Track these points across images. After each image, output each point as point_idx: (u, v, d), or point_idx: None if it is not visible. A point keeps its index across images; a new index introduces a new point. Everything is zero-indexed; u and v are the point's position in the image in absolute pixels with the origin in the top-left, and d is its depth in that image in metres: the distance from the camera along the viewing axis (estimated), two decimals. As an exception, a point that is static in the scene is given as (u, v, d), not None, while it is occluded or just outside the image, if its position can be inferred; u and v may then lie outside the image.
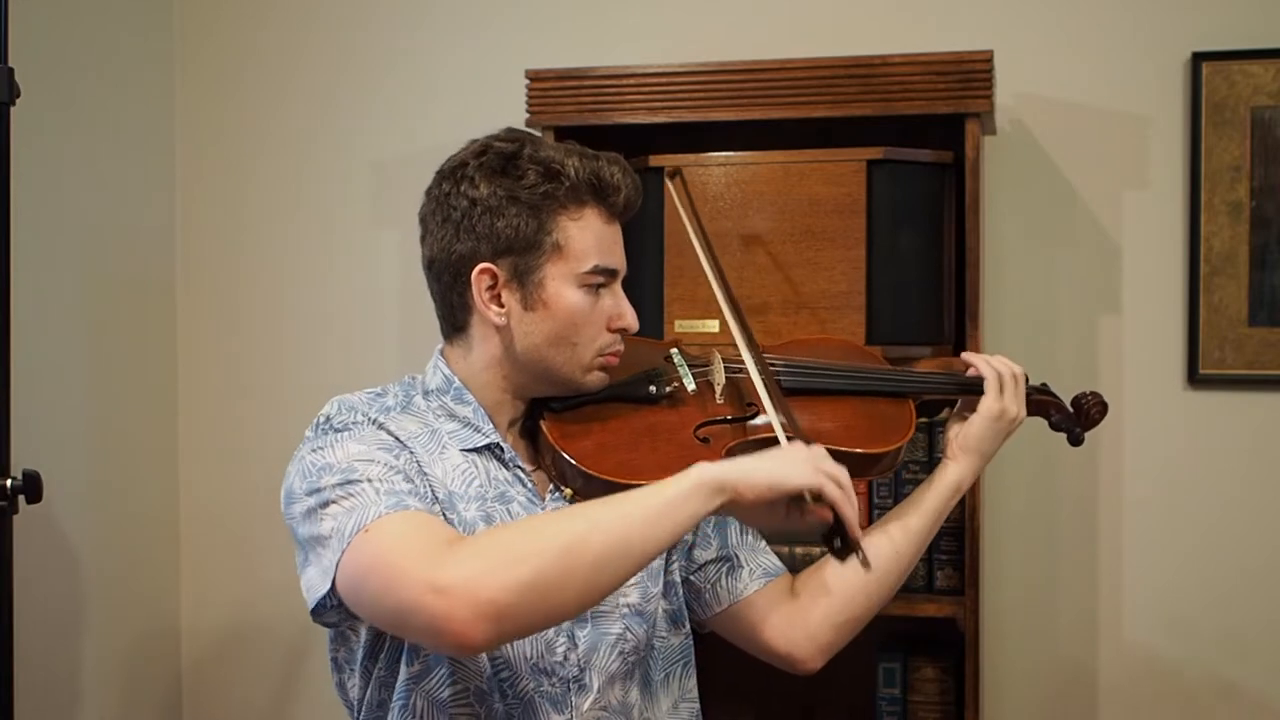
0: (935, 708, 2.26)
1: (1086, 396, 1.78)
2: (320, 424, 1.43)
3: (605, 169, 1.46)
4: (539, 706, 1.41)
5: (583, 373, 1.48)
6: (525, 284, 1.45)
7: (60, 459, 2.39)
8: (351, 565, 1.29)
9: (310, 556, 1.36)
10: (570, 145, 1.49)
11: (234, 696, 2.78)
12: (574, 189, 1.44)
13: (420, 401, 1.49)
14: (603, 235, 1.47)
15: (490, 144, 1.48)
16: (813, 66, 2.16)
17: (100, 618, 2.56)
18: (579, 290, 1.45)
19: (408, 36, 2.68)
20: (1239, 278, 2.33)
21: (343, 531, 1.30)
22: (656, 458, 1.47)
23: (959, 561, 2.17)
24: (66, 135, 2.48)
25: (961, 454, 1.64)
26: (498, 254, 1.44)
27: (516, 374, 1.49)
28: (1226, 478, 2.38)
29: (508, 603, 1.19)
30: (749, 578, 1.60)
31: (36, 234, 2.33)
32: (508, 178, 1.44)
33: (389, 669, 1.44)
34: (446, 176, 1.48)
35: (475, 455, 1.47)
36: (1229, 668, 2.38)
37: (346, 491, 1.33)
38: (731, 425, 1.55)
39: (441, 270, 1.48)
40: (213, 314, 2.78)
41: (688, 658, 1.58)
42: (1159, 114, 2.38)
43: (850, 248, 2.10)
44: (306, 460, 1.39)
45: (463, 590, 1.19)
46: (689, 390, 1.57)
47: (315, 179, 2.73)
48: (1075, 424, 1.78)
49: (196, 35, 2.77)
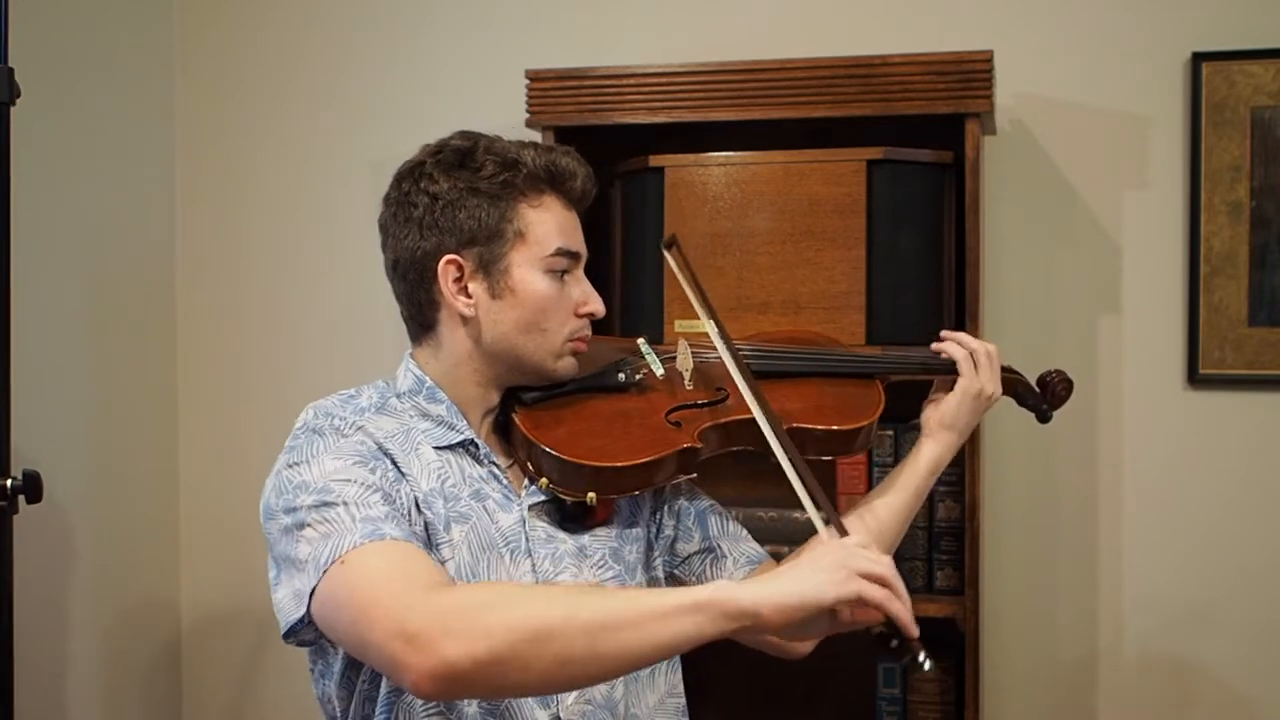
0: (935, 708, 2.26)
1: (1051, 374, 1.82)
2: (298, 431, 1.44)
3: (560, 158, 1.50)
4: (522, 703, 1.41)
5: (554, 359, 1.50)
6: (491, 273, 1.47)
7: (60, 459, 2.39)
8: (326, 595, 1.30)
9: (283, 576, 1.36)
10: (523, 140, 1.52)
11: (234, 695, 2.78)
12: (532, 177, 1.48)
13: (395, 403, 1.51)
14: (563, 220, 1.50)
15: (445, 143, 1.52)
16: (813, 66, 2.16)
17: (100, 617, 2.56)
18: (544, 276, 1.48)
19: (408, 36, 2.68)
20: (1239, 278, 2.33)
21: (318, 560, 1.31)
22: (629, 441, 1.49)
23: (959, 561, 2.17)
24: (66, 135, 2.48)
25: (939, 430, 1.67)
26: (462, 245, 1.47)
27: (488, 366, 1.50)
28: (1226, 478, 2.38)
29: (465, 670, 1.19)
30: (733, 566, 1.62)
31: (36, 234, 2.33)
32: (466, 170, 1.48)
33: (371, 683, 1.44)
34: (404, 177, 1.52)
35: (449, 453, 1.47)
36: (1229, 668, 2.38)
37: (322, 516, 1.33)
38: (702, 409, 1.57)
39: (407, 269, 1.50)
40: (213, 314, 2.78)
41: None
42: (1159, 114, 2.38)
43: (850, 248, 2.10)
44: (283, 475, 1.39)
45: (426, 644, 1.19)
46: (658, 376, 1.60)
47: (315, 179, 2.73)
48: (1042, 402, 1.82)
49: (196, 35, 2.77)
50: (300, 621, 1.33)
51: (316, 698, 1.52)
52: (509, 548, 1.45)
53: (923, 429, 1.69)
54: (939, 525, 2.21)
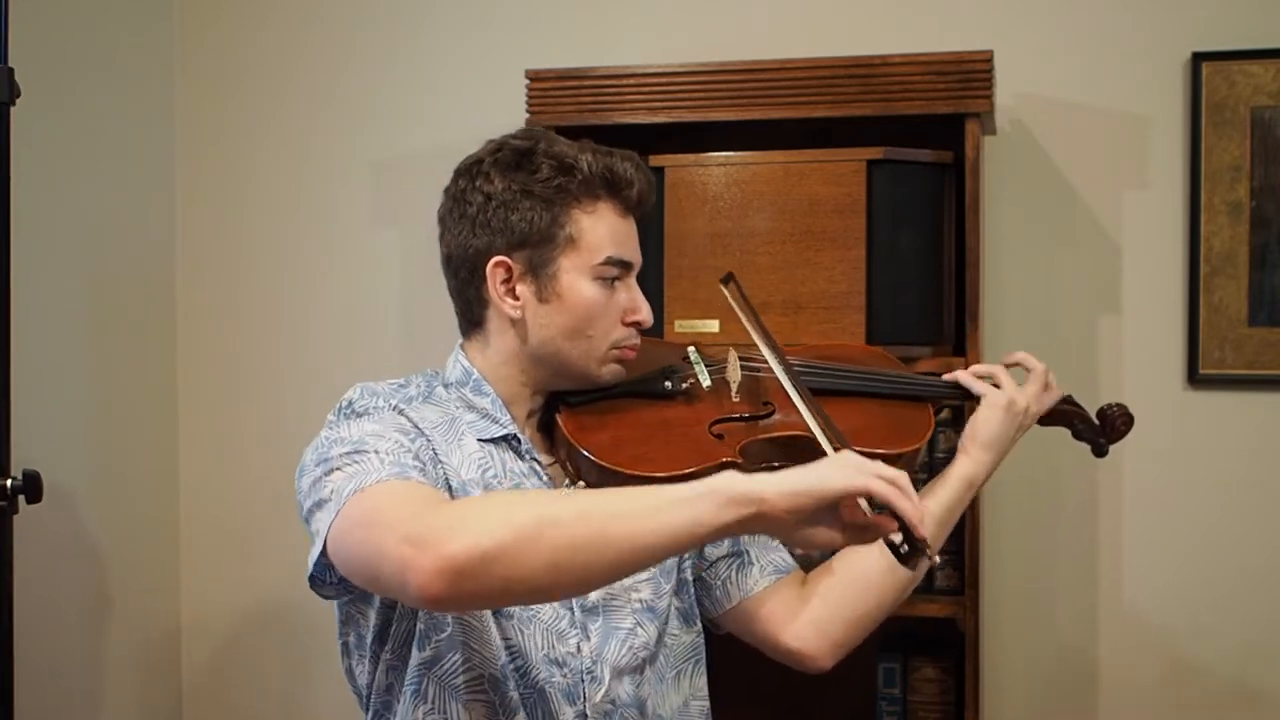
0: (935, 708, 2.26)
1: (1113, 408, 1.76)
2: (342, 408, 1.44)
3: (618, 164, 1.49)
4: (551, 697, 1.42)
5: (598, 365, 1.49)
6: (540, 276, 1.47)
7: (60, 459, 2.39)
8: (342, 521, 1.29)
9: (311, 524, 1.36)
10: (585, 142, 1.51)
11: (234, 696, 2.78)
12: (587, 182, 1.46)
13: (442, 392, 1.51)
14: (616, 228, 1.49)
15: (506, 141, 1.50)
16: (813, 66, 2.16)
17: (100, 617, 2.56)
18: (593, 283, 1.47)
19: (408, 37, 2.68)
20: (1239, 278, 2.33)
21: (341, 493, 1.30)
22: (670, 451, 1.47)
23: (959, 561, 2.17)
24: (66, 135, 2.48)
25: (973, 447, 1.64)
26: (512, 247, 1.46)
27: (533, 367, 1.50)
28: (1226, 478, 2.37)
29: (467, 562, 1.16)
30: (759, 574, 1.60)
31: (36, 234, 2.33)
32: (522, 172, 1.47)
33: (396, 654, 1.44)
34: (463, 174, 1.51)
35: (492, 446, 1.47)
36: (1229, 667, 2.38)
37: (352, 459, 1.33)
38: (747, 423, 1.55)
39: (459, 266, 1.50)
40: (213, 314, 2.78)
41: (699, 656, 1.58)
42: (1159, 114, 2.38)
43: (850, 248, 2.10)
44: (321, 437, 1.40)
45: (430, 543, 1.17)
46: (704, 387, 1.58)
47: (315, 179, 2.73)
48: (1100, 435, 1.77)
49: (196, 35, 2.77)
50: (320, 562, 1.32)
51: (343, 672, 1.51)
52: None
53: (959, 445, 1.65)
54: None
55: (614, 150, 1.50)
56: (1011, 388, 1.65)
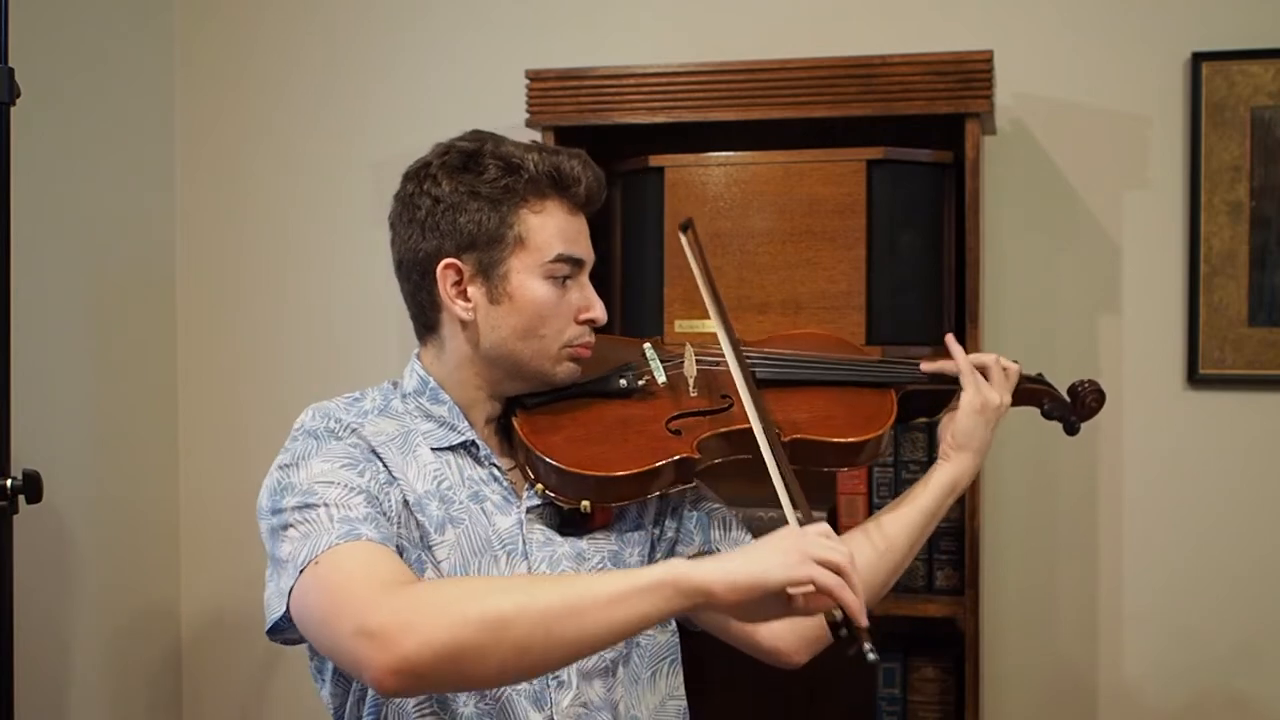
0: (935, 708, 2.26)
1: (1083, 384, 1.76)
2: (295, 433, 1.44)
3: (565, 162, 1.49)
4: (516, 705, 1.41)
5: (552, 365, 1.50)
6: (490, 278, 1.47)
7: (60, 459, 2.39)
8: (300, 594, 1.31)
9: (271, 574, 1.38)
10: (533, 142, 1.51)
11: (233, 696, 2.78)
12: (534, 181, 1.47)
13: (398, 404, 1.51)
14: (565, 226, 1.49)
15: (453, 144, 1.51)
16: (813, 66, 2.16)
17: (100, 617, 2.56)
18: (544, 282, 1.47)
19: (406, 37, 2.68)
20: (1239, 278, 2.33)
21: (296, 559, 1.32)
22: (627, 449, 1.48)
23: (959, 561, 2.17)
24: (66, 135, 2.48)
25: (954, 451, 1.64)
26: (462, 249, 1.47)
27: (488, 369, 1.50)
28: (1226, 478, 2.38)
29: (422, 663, 1.19)
30: None
31: (37, 234, 2.33)
32: (469, 174, 1.47)
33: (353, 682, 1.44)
34: (411, 178, 1.51)
35: (449, 454, 1.47)
36: (1229, 667, 2.38)
37: (304, 517, 1.35)
38: (704, 417, 1.55)
39: (409, 270, 1.51)
40: (213, 313, 2.78)
41: (674, 655, 1.58)
42: (1159, 114, 2.38)
43: (850, 248, 2.10)
44: (274, 477, 1.41)
45: (384, 640, 1.20)
46: (661, 383, 1.58)
47: (315, 179, 2.73)
48: (1070, 413, 1.77)
49: (196, 35, 2.77)
50: (282, 619, 1.35)
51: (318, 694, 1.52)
52: (505, 550, 1.44)
53: (939, 450, 1.66)
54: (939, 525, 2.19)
55: (561, 149, 1.51)
56: (983, 389, 1.65)
